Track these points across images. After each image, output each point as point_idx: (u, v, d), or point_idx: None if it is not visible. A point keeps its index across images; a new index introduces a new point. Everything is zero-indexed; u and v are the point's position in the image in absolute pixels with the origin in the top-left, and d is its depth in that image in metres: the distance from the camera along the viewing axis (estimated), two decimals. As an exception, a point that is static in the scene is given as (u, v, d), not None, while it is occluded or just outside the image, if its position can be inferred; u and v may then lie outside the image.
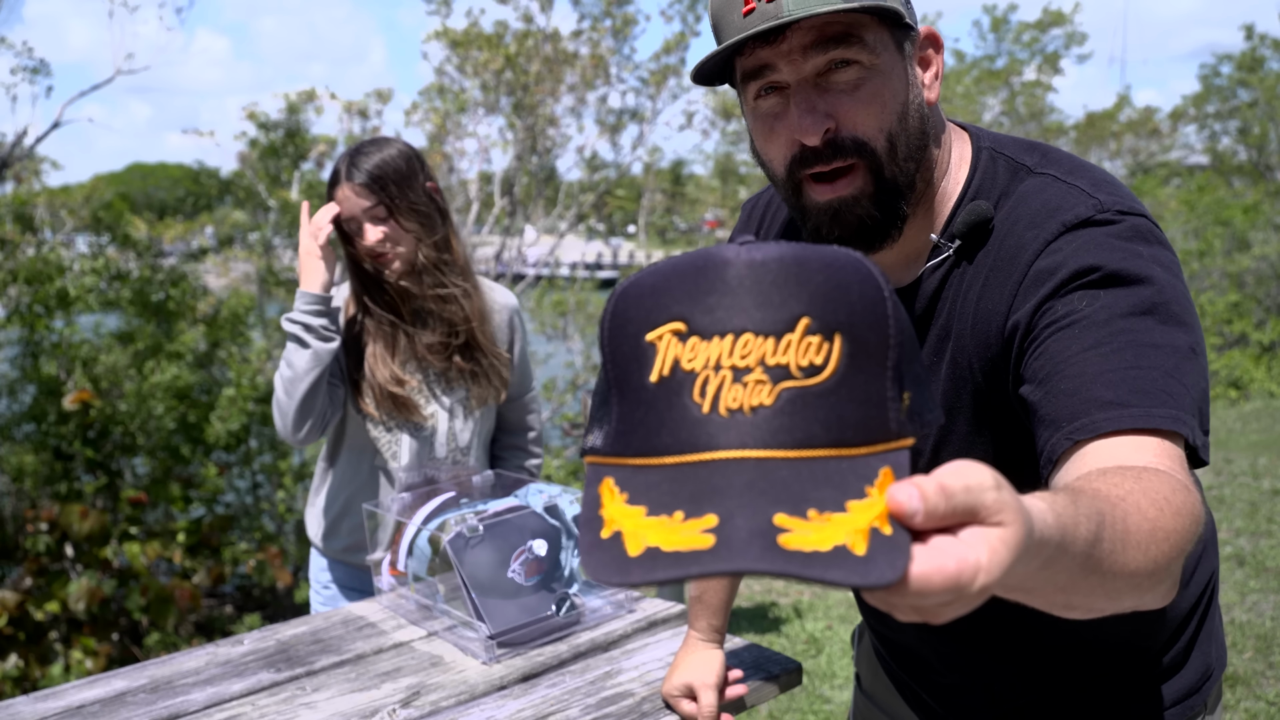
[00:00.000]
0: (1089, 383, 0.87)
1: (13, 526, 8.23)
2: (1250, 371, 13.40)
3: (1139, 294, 0.91)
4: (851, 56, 0.96)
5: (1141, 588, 0.73)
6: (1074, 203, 0.99)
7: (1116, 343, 0.89)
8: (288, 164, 10.97)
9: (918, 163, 1.02)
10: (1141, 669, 1.16)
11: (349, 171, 2.00)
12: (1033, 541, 0.57)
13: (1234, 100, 21.47)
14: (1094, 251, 0.94)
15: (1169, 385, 0.86)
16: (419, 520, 1.87)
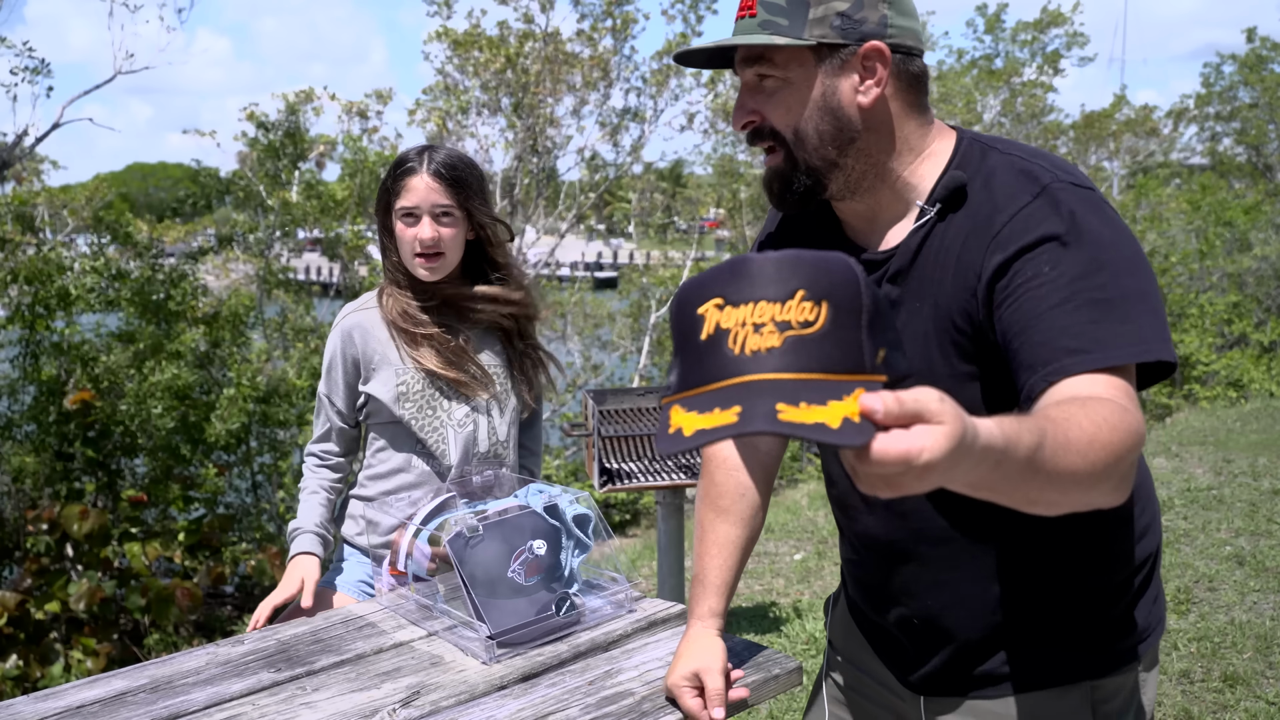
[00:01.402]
0: (1058, 335, 1.10)
1: (13, 526, 8.24)
2: (1250, 371, 13.39)
3: (1092, 255, 1.14)
4: (765, 72, 1.27)
5: (1084, 485, 0.97)
6: (1038, 175, 1.21)
7: (1078, 300, 1.11)
8: (287, 164, 10.97)
9: (840, 148, 1.27)
10: (1091, 618, 1.32)
11: (429, 163, 2.00)
12: (977, 443, 0.81)
13: (1235, 101, 21.49)
14: (1055, 220, 1.16)
15: (1121, 329, 1.10)
16: (419, 520, 1.87)
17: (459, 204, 2.02)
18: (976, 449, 0.82)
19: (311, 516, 2.09)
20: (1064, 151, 16.69)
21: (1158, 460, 6.84)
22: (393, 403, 2.06)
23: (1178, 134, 19.99)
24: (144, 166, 63.66)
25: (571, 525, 1.81)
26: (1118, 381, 1.08)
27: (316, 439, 2.16)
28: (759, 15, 1.25)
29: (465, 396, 2.09)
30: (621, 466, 3.44)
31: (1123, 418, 1.01)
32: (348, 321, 2.10)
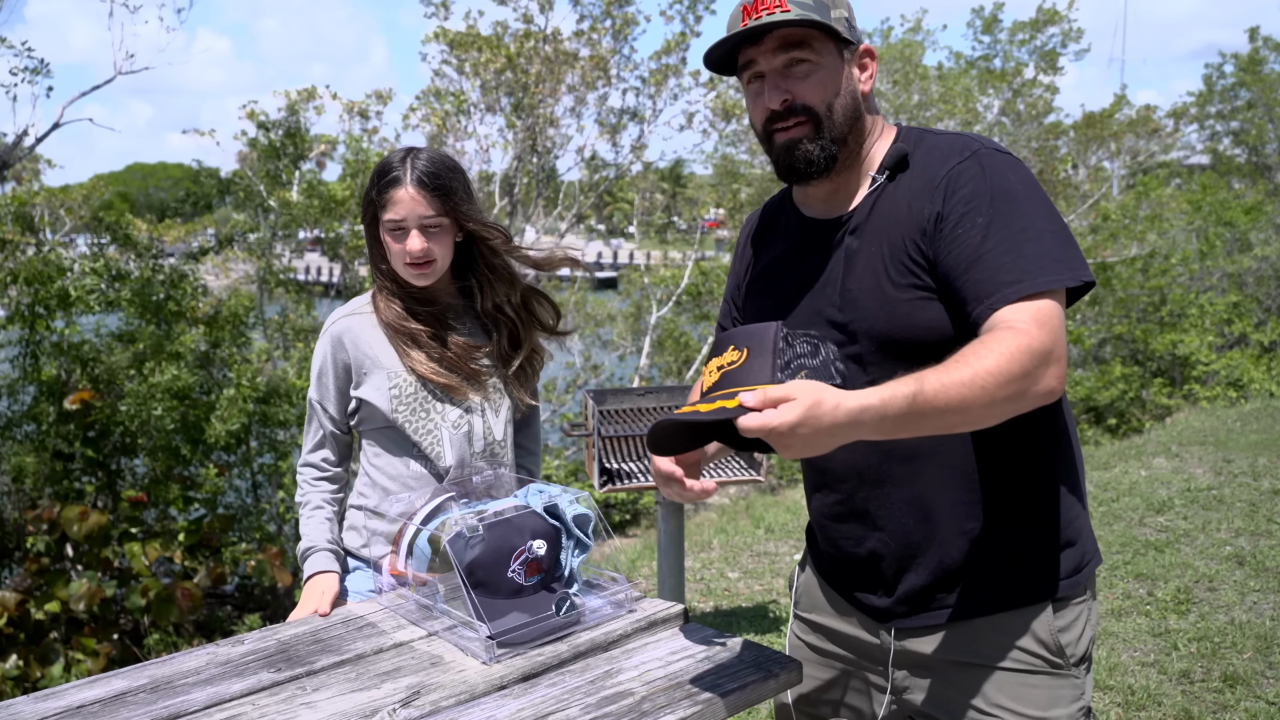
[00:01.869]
0: (995, 271, 1.38)
1: (13, 526, 8.23)
2: (1250, 371, 13.39)
3: (1014, 206, 1.42)
4: (802, 56, 1.49)
5: (984, 404, 1.29)
6: (967, 144, 1.50)
7: (1009, 242, 1.39)
8: (287, 164, 10.96)
9: (850, 125, 1.53)
10: (1045, 541, 1.54)
11: (411, 171, 1.99)
12: (842, 407, 1.21)
13: (1236, 101, 21.49)
14: (982, 178, 1.44)
15: (1044, 262, 1.38)
16: (419, 520, 1.87)
17: (445, 212, 2.01)
18: (842, 411, 1.21)
19: (321, 533, 2.08)
20: (1064, 152, 16.68)
21: (1158, 460, 6.84)
22: (386, 406, 2.05)
23: (1178, 134, 19.98)
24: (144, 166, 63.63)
25: (571, 525, 1.81)
26: (1045, 304, 1.36)
27: (311, 449, 2.14)
28: (792, 11, 1.46)
29: (457, 400, 2.09)
30: (621, 466, 3.44)
31: (1015, 340, 1.31)
32: (337, 327, 2.10)
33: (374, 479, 2.11)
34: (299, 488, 2.16)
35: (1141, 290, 15.00)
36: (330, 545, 2.07)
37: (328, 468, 2.14)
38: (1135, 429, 12.48)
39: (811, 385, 1.22)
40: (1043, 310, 1.35)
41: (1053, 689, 1.51)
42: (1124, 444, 8.39)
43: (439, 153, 2.08)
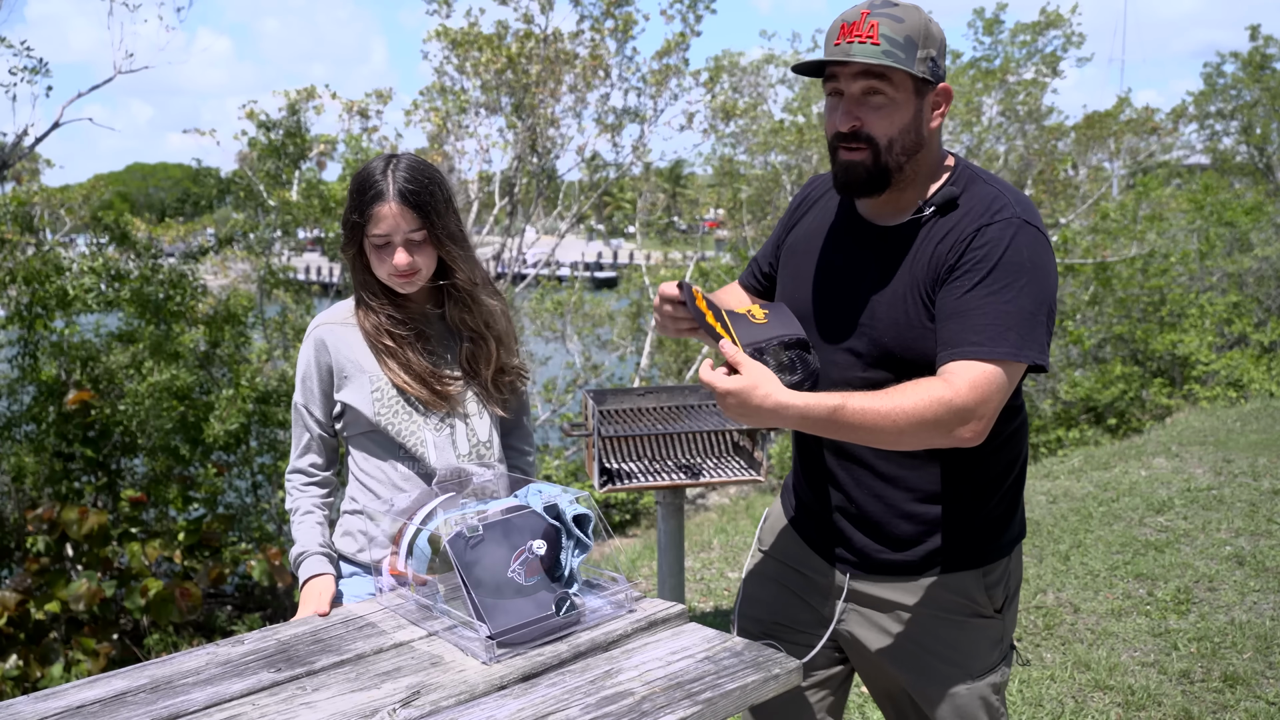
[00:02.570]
0: (967, 329, 1.60)
1: (13, 526, 8.23)
2: (1250, 371, 13.38)
3: (1013, 278, 1.62)
4: (879, 89, 1.66)
5: (894, 435, 1.57)
6: (1000, 206, 1.68)
7: (988, 308, 1.60)
8: (287, 164, 10.95)
9: (909, 157, 1.71)
10: (983, 517, 1.81)
11: (393, 184, 1.99)
12: (770, 399, 1.53)
13: (1237, 100, 21.47)
14: (999, 244, 1.63)
15: (1008, 335, 1.59)
16: (419, 520, 1.87)
17: (427, 226, 2.02)
18: (769, 401, 1.54)
19: (314, 537, 2.09)
20: (1064, 152, 16.67)
21: (1158, 460, 6.84)
22: (369, 410, 2.06)
23: (1178, 133, 19.97)
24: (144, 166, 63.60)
25: (571, 525, 1.81)
26: (989, 370, 1.58)
27: (299, 454, 2.15)
28: (881, 45, 1.63)
29: (434, 410, 2.10)
30: (621, 466, 3.44)
31: (939, 392, 1.55)
32: (320, 331, 2.11)
33: (363, 483, 2.12)
34: (288, 495, 2.16)
35: (1141, 290, 14.99)
36: (323, 548, 2.08)
37: (316, 472, 2.15)
38: (1135, 429, 12.48)
39: (760, 371, 1.57)
40: (983, 375, 1.57)
41: (979, 631, 1.83)
42: (1124, 444, 8.39)
43: (419, 161, 2.08)
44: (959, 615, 1.82)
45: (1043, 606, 4.22)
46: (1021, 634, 3.97)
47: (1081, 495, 6.02)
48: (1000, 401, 1.59)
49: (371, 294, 2.09)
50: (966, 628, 1.82)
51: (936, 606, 1.82)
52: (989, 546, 1.83)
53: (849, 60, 1.63)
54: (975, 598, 1.82)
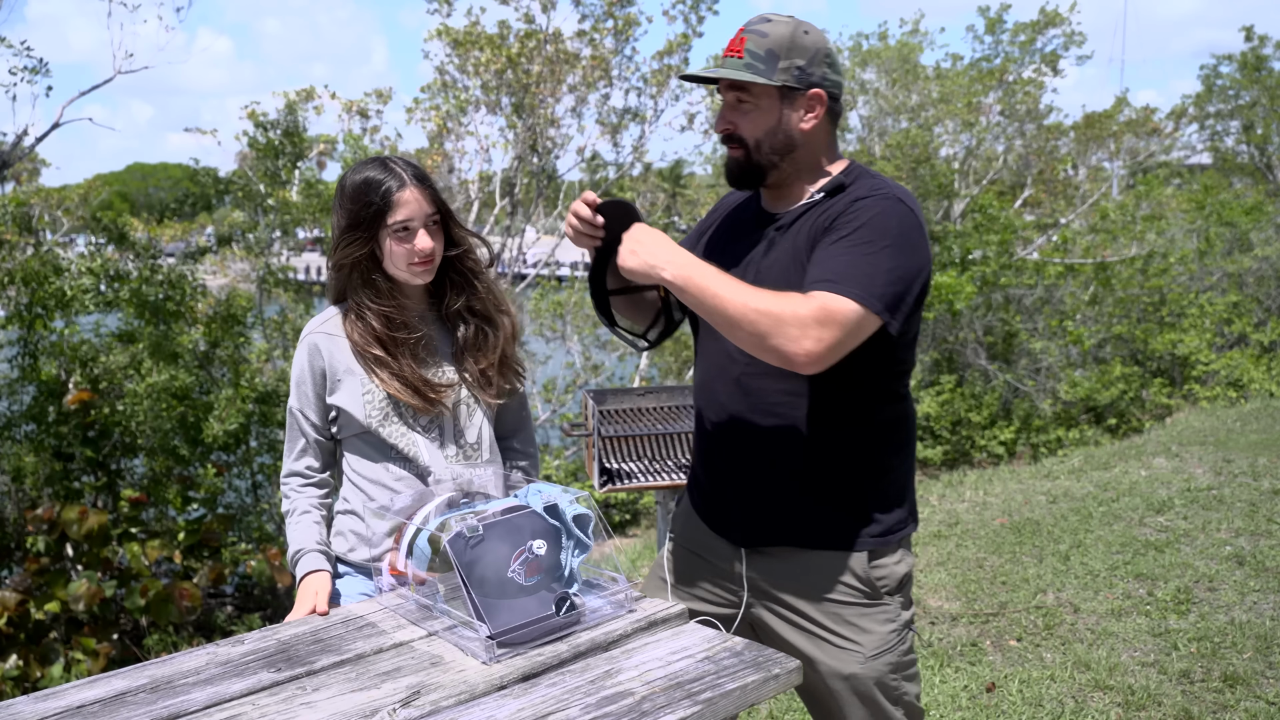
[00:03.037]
0: (829, 269, 1.75)
1: (13, 526, 8.23)
2: (1250, 371, 13.38)
3: (877, 237, 1.77)
4: (744, 98, 1.89)
5: (733, 316, 1.70)
6: (883, 188, 1.86)
7: (851, 256, 1.76)
8: (286, 163, 10.95)
9: (781, 155, 1.90)
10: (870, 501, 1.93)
11: (411, 175, 2.02)
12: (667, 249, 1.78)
13: (1236, 100, 21.47)
14: (870, 212, 1.80)
15: (862, 280, 1.72)
16: (419, 520, 1.87)
17: (442, 211, 2.06)
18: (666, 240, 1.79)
19: (310, 536, 2.09)
20: (1064, 152, 16.66)
21: (1158, 460, 6.84)
22: (360, 413, 2.07)
23: (1178, 134, 19.97)
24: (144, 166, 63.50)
25: (571, 525, 1.81)
26: (840, 302, 1.69)
27: (294, 457, 2.15)
28: (745, 59, 1.86)
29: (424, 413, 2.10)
30: (621, 466, 3.44)
31: (791, 303, 1.69)
32: (314, 336, 2.12)
33: (357, 484, 2.12)
34: (284, 498, 2.16)
35: (1141, 290, 14.99)
36: (319, 547, 2.08)
37: (312, 474, 2.15)
38: (1135, 429, 12.49)
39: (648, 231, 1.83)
40: (835, 303, 1.70)
41: (865, 614, 1.92)
42: (1124, 444, 8.39)
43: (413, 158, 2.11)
44: (848, 596, 1.92)
45: (1043, 606, 4.22)
46: (1021, 634, 3.97)
47: (1081, 495, 6.02)
48: (841, 339, 1.69)
49: (375, 295, 2.08)
50: (857, 608, 1.92)
51: (827, 586, 1.92)
52: (873, 533, 1.94)
53: (716, 73, 1.88)
54: (859, 579, 1.92)
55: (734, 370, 1.93)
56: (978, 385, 13.55)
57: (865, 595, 1.93)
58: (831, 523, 1.92)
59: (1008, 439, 12.89)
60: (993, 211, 13.88)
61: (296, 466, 2.15)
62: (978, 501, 6.09)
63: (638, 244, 1.80)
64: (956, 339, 14.09)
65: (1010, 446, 12.92)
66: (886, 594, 1.94)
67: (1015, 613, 4.18)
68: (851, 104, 15.43)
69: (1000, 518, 5.64)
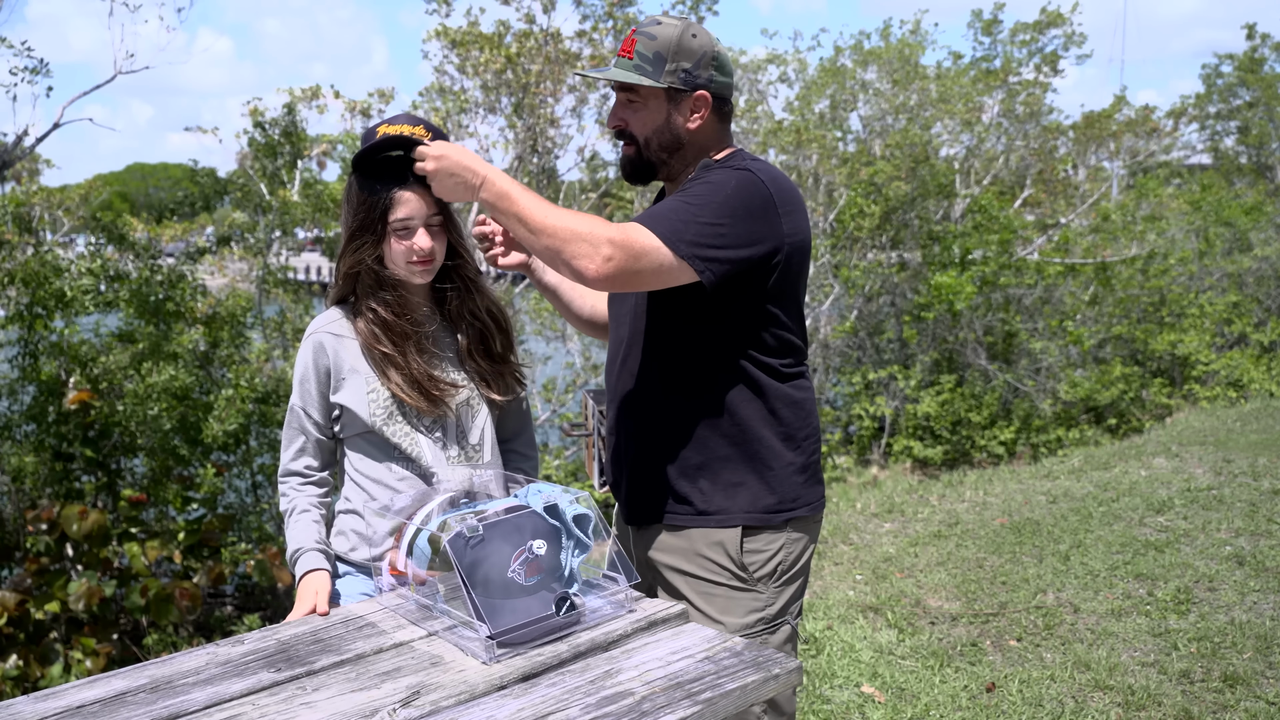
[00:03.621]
0: (649, 213, 1.86)
1: (13, 526, 8.23)
2: (1250, 371, 13.38)
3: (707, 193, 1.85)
4: (631, 98, 1.99)
5: (533, 226, 1.81)
6: (744, 161, 1.94)
7: (670, 205, 1.86)
8: (285, 163, 10.94)
9: (669, 153, 2.00)
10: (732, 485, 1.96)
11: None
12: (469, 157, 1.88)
13: (1235, 100, 21.47)
14: (713, 174, 1.90)
15: (673, 224, 1.82)
16: (419, 520, 1.87)
17: (443, 213, 2.08)
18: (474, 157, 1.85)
19: (310, 535, 2.08)
20: (1063, 152, 16.65)
21: (1158, 460, 6.85)
22: (364, 412, 2.07)
23: (1178, 134, 19.97)
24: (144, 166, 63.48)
25: (571, 525, 1.81)
26: (644, 235, 1.79)
27: (292, 456, 2.14)
28: (634, 60, 1.94)
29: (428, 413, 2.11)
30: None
31: (589, 224, 1.79)
32: (319, 335, 2.12)
33: (358, 484, 2.12)
34: (283, 496, 2.15)
35: (1141, 290, 14.99)
36: (319, 546, 2.08)
37: (311, 473, 2.14)
38: (1135, 429, 12.49)
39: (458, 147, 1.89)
40: (636, 232, 1.80)
41: (731, 598, 1.94)
42: (1124, 444, 8.40)
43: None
44: (716, 575, 1.96)
45: (1043, 606, 4.22)
46: (1021, 634, 3.97)
47: (1081, 495, 6.02)
48: (633, 267, 1.77)
49: (382, 292, 2.09)
50: (724, 589, 1.96)
51: (698, 563, 1.97)
52: (747, 510, 1.96)
53: (606, 74, 1.97)
54: (730, 558, 1.95)
55: (620, 352, 2.07)
56: (978, 385, 13.55)
57: (734, 577, 1.95)
58: (698, 498, 1.97)
59: (1008, 439, 12.88)
60: (992, 211, 13.88)
61: (295, 466, 2.15)
62: (978, 501, 6.09)
63: (453, 162, 1.86)
64: (956, 339, 14.09)
65: (1010, 446, 12.92)
66: (760, 580, 1.95)
67: (1015, 613, 4.18)
68: (852, 104, 15.44)
69: (1000, 518, 5.64)
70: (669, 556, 2.00)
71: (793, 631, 2.02)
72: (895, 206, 13.68)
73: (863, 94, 15.45)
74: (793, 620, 2.02)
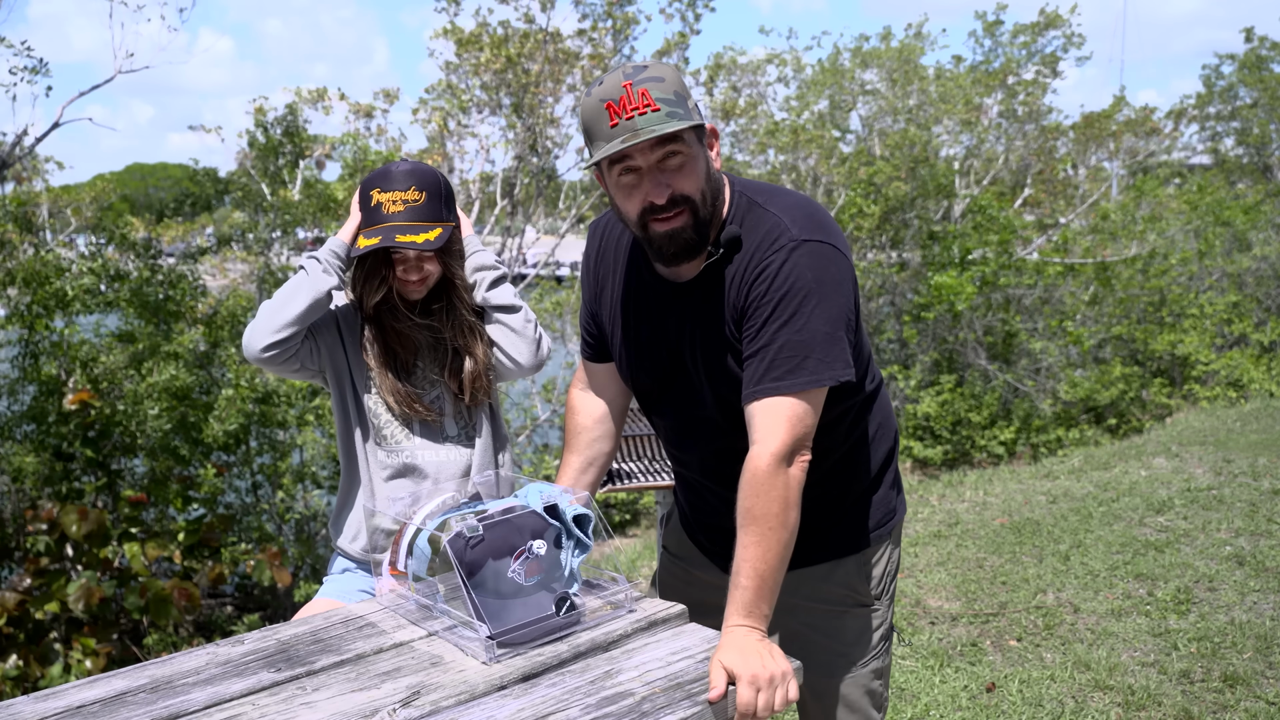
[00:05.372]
0: (768, 367, 1.66)
1: (13, 526, 8.22)
2: (1250, 371, 13.37)
3: (797, 304, 1.66)
4: (676, 149, 1.66)
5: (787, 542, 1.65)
6: (778, 234, 1.70)
7: (780, 338, 1.66)
8: (286, 163, 10.94)
9: (714, 205, 1.73)
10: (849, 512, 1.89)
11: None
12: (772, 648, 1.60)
13: (1235, 101, 21.47)
14: (780, 276, 1.67)
15: (806, 364, 1.64)
16: (419, 520, 1.87)
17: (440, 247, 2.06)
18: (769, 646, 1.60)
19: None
20: (1063, 152, 16.65)
21: (1158, 460, 6.84)
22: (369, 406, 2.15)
23: (1178, 134, 19.97)
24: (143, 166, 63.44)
25: (572, 525, 1.81)
26: (795, 403, 1.65)
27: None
28: (662, 110, 1.63)
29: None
30: (621, 466, 3.44)
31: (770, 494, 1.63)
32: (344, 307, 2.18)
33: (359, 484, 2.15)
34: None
35: (1141, 290, 14.98)
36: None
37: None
38: (1135, 429, 12.48)
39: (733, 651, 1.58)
40: (786, 410, 1.65)
41: (860, 619, 1.90)
42: (1124, 444, 8.39)
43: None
44: (839, 605, 1.90)
45: (1043, 606, 4.22)
46: (1021, 634, 3.97)
47: (1081, 495, 6.02)
48: (811, 425, 1.66)
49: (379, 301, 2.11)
50: (847, 617, 1.90)
51: (817, 598, 1.89)
52: (864, 532, 1.91)
53: (642, 134, 1.62)
54: (855, 586, 1.90)
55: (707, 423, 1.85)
56: (978, 385, 13.54)
57: (856, 602, 1.90)
58: (818, 539, 1.87)
59: (1008, 439, 12.88)
60: (992, 212, 13.87)
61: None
62: (978, 501, 6.08)
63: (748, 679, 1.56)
64: (956, 339, 14.08)
65: (1010, 446, 12.91)
66: (876, 598, 1.92)
67: (1015, 613, 4.18)
68: (851, 104, 15.43)
69: (1000, 518, 5.64)
70: (788, 595, 1.81)
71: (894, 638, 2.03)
72: (895, 206, 13.68)
73: (862, 95, 15.45)
74: (893, 626, 2.01)
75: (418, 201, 2.02)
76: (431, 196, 2.04)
